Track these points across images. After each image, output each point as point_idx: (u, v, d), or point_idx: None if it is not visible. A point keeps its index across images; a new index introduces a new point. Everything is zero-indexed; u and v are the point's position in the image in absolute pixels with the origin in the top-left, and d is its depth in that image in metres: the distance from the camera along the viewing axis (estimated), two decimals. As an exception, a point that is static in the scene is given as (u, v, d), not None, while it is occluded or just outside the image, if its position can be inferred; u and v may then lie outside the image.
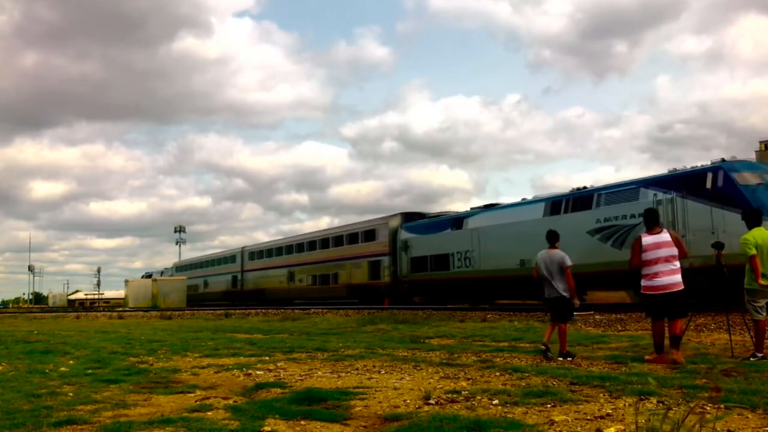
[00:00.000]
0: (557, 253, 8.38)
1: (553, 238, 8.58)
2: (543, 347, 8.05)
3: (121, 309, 47.26)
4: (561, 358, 7.82)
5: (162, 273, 69.77)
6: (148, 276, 70.46)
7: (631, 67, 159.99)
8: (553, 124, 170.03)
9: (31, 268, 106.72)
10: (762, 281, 7.47)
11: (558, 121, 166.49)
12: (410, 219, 30.52)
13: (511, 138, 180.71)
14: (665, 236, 7.33)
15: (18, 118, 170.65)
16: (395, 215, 31.42)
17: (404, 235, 29.74)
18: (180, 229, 76.71)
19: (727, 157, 17.10)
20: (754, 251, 7.49)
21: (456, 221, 26.62)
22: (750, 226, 7.84)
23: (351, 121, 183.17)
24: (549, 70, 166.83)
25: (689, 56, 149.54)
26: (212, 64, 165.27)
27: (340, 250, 35.38)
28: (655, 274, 7.31)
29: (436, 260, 26.76)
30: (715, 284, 8.38)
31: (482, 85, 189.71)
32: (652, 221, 7.56)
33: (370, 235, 32.83)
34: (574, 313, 8.32)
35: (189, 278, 57.87)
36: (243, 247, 50.51)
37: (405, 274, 29.00)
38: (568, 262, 8.26)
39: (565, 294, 8.25)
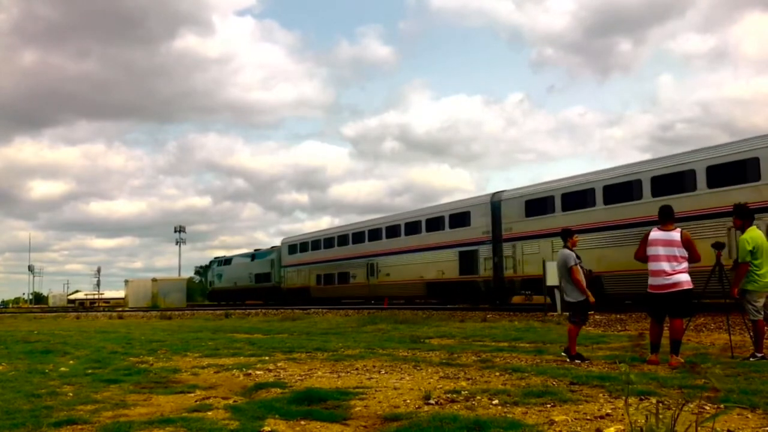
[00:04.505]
0: (563, 252, 8.07)
1: (564, 236, 8.24)
2: (567, 358, 7.67)
3: (121, 309, 47.25)
4: (564, 354, 7.80)
5: (253, 257, 45.96)
6: (251, 256, 46.51)
7: (634, 66, 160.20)
8: (555, 124, 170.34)
9: (31, 268, 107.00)
10: (749, 286, 7.46)
11: (560, 120, 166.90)
12: None
13: (512, 137, 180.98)
14: (675, 235, 7.19)
15: (18, 117, 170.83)
16: None
17: None
18: (180, 229, 76.57)
19: None
20: (748, 258, 7.44)
21: None
22: (744, 226, 7.72)
23: (352, 121, 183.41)
24: (552, 68, 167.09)
25: (693, 55, 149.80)
26: (213, 62, 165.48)
27: None
28: (657, 273, 7.24)
29: None
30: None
31: (484, 84, 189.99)
32: (665, 217, 7.43)
33: None
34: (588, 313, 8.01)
35: (327, 261, 35.02)
36: (494, 194, 24.02)
37: None
38: (571, 262, 7.91)
39: (571, 299, 7.99)
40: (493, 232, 23.34)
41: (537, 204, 21.67)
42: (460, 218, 25.19)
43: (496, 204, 23.51)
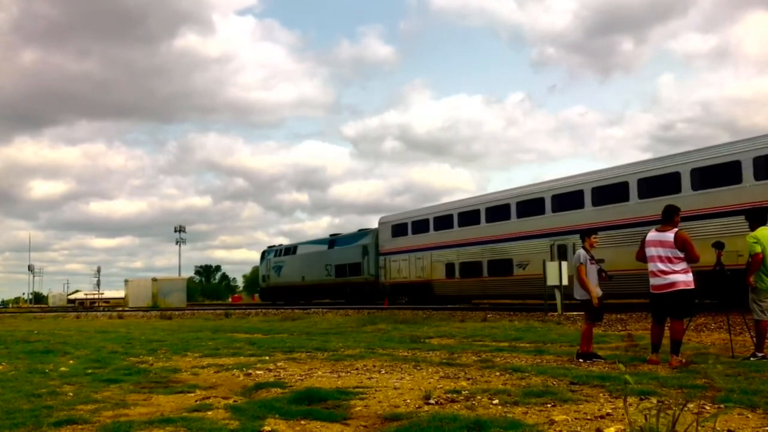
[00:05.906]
0: (578, 251, 8.19)
1: (584, 235, 8.35)
2: (580, 358, 7.72)
3: (121, 309, 47.22)
4: (577, 358, 7.77)
5: (332, 243, 36.36)
6: (329, 243, 36.96)
7: (635, 65, 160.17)
8: (555, 123, 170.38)
9: (31, 268, 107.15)
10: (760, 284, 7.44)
11: (560, 120, 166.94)
12: None
13: (513, 137, 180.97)
14: (668, 236, 7.24)
15: (18, 117, 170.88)
16: None
17: None
18: (180, 229, 76.60)
19: None
20: (759, 249, 7.45)
21: None
22: (754, 226, 7.76)
23: (352, 120, 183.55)
24: (553, 68, 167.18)
25: (694, 54, 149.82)
26: (213, 62, 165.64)
27: None
28: (653, 274, 7.31)
29: None
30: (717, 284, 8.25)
31: (485, 84, 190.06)
32: (664, 218, 7.49)
33: None
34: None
35: (465, 245, 25.01)
36: None
37: None
38: (578, 261, 8.03)
39: (577, 296, 8.18)
40: None
41: None
42: None
43: None
